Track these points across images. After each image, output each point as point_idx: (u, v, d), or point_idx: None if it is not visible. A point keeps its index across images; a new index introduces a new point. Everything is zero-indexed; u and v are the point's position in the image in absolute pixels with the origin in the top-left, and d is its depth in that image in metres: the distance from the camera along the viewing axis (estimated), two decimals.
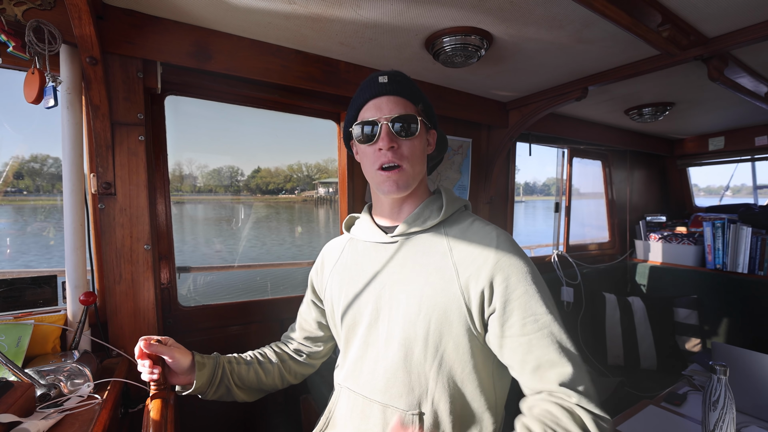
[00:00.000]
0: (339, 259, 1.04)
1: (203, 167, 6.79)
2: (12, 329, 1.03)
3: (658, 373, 2.34)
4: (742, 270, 2.43)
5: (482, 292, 0.79)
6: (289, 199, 7.44)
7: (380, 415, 0.85)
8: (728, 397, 1.04)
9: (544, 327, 0.76)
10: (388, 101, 0.86)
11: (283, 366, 1.09)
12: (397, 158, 0.85)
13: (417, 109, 0.89)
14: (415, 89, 0.90)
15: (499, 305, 0.78)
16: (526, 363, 0.77)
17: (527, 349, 0.76)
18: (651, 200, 3.34)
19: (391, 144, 0.84)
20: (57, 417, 0.82)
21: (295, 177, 7.52)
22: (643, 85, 1.82)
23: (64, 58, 1.10)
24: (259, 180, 7.50)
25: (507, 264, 0.79)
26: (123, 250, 1.19)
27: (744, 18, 1.18)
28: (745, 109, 2.26)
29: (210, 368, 0.97)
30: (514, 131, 2.07)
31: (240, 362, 1.03)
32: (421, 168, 0.91)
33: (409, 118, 0.85)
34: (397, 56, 1.47)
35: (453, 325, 0.81)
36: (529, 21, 1.20)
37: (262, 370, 1.05)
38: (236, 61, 1.32)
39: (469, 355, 0.82)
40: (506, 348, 0.79)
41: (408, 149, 0.86)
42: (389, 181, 0.86)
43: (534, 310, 0.77)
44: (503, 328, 0.78)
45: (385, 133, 0.84)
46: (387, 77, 0.88)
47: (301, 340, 1.14)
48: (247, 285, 2.42)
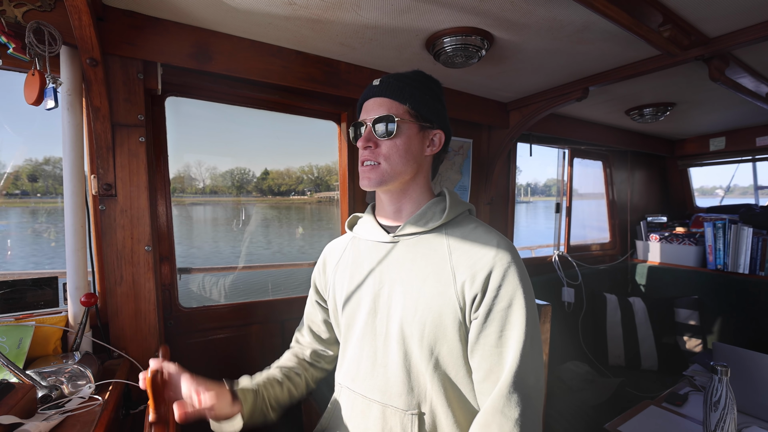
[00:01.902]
0: (341, 258, 1.04)
1: (212, 169, 6.82)
2: (13, 331, 1.03)
3: (659, 374, 2.34)
4: (743, 270, 2.43)
5: (475, 296, 0.79)
6: (302, 200, 7.45)
7: (379, 415, 0.86)
8: (729, 398, 1.04)
9: (510, 349, 0.77)
10: (374, 103, 0.89)
11: (307, 374, 1.08)
12: (373, 157, 0.88)
13: (404, 109, 0.88)
14: (406, 89, 0.88)
15: (482, 312, 0.79)
16: (481, 374, 0.79)
17: (489, 363, 0.78)
18: (652, 201, 3.33)
19: (367, 144, 0.87)
20: (58, 418, 0.82)
21: (306, 179, 7.52)
22: (644, 86, 1.82)
23: (65, 59, 1.10)
24: (270, 182, 7.52)
25: (501, 274, 0.79)
26: (124, 252, 1.19)
27: (745, 18, 1.18)
28: (746, 110, 2.26)
29: (251, 404, 0.91)
30: (515, 132, 2.07)
31: (274, 384, 0.99)
32: (404, 167, 0.89)
33: (387, 119, 0.86)
34: (398, 57, 1.47)
35: (447, 328, 0.81)
36: (529, 21, 1.20)
37: (293, 385, 1.03)
38: (236, 62, 1.32)
39: (463, 359, 0.82)
40: (476, 354, 0.80)
41: (386, 148, 0.87)
42: (363, 176, 0.90)
43: (511, 327, 0.78)
44: (479, 336, 0.79)
45: (365, 134, 0.88)
46: (380, 80, 0.90)
47: (314, 343, 1.12)
48: (277, 282, 2.33)
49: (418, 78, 0.92)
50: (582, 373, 2.18)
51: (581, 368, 2.23)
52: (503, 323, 0.78)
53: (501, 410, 0.74)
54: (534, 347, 0.78)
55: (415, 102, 0.88)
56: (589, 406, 1.93)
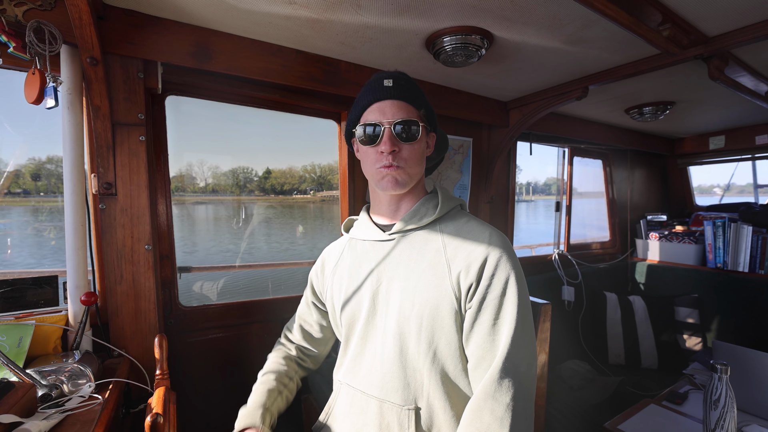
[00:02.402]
0: (339, 260, 1.05)
1: (215, 168, 6.83)
2: (13, 330, 1.03)
3: (659, 372, 2.34)
4: (742, 269, 2.43)
5: (470, 286, 0.81)
6: (305, 200, 7.46)
7: (377, 410, 0.86)
8: (729, 396, 1.04)
9: (501, 336, 0.78)
10: (392, 105, 0.89)
11: (297, 377, 1.10)
12: (397, 161, 0.88)
13: (419, 114, 0.91)
14: (418, 94, 0.92)
15: (476, 301, 0.81)
16: (474, 361, 0.81)
17: (482, 350, 0.79)
18: (652, 199, 3.33)
19: (393, 147, 0.87)
20: (58, 417, 0.82)
21: (309, 177, 7.50)
22: (644, 85, 1.82)
23: (65, 58, 1.10)
24: (273, 181, 7.55)
25: (494, 264, 0.81)
26: (124, 251, 1.20)
27: (744, 17, 1.18)
28: (746, 108, 2.26)
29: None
30: (515, 131, 2.07)
31: (277, 398, 1.01)
32: (419, 170, 0.93)
33: (411, 123, 0.87)
34: (398, 56, 1.47)
35: (444, 320, 0.82)
36: (529, 20, 1.20)
37: (289, 391, 1.05)
38: (237, 61, 1.32)
39: (460, 350, 0.83)
40: (470, 342, 0.82)
41: (408, 153, 0.88)
42: (389, 176, 0.88)
43: (504, 315, 0.79)
44: (473, 324, 0.81)
45: (387, 137, 0.87)
46: (392, 81, 0.90)
47: (303, 342, 1.13)
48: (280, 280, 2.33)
49: (413, 81, 0.94)
50: (582, 372, 2.19)
51: (581, 367, 2.24)
52: (496, 311, 0.80)
53: (492, 395, 0.75)
54: (525, 334, 0.79)
55: (426, 107, 0.93)
56: (589, 404, 1.94)
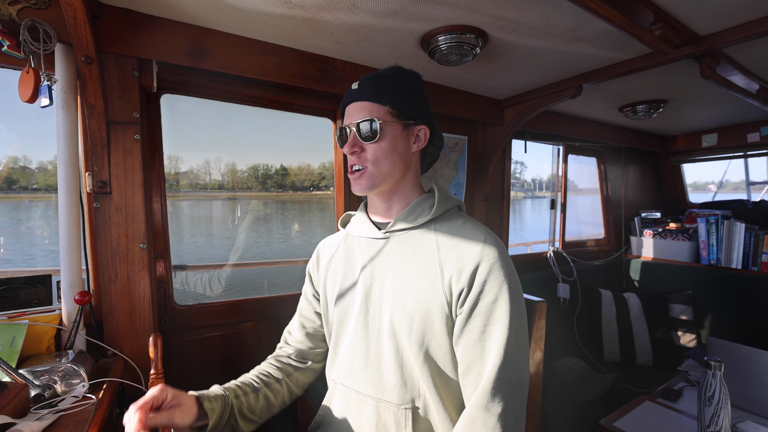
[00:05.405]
0: (334, 255, 1.04)
1: (231, 165, 6.82)
2: (6, 329, 1.02)
3: (654, 369, 2.36)
4: (736, 265, 2.46)
5: (461, 291, 0.80)
6: (324, 196, 7.53)
7: (374, 410, 0.86)
8: (723, 393, 1.05)
9: (492, 344, 0.77)
10: (355, 107, 0.89)
11: (290, 380, 1.04)
12: (360, 161, 0.89)
13: (385, 110, 0.87)
14: (384, 90, 0.88)
15: (467, 307, 0.79)
16: (464, 367, 0.80)
17: (471, 357, 0.79)
18: (646, 197, 3.36)
19: (353, 149, 0.88)
20: (51, 418, 0.82)
21: (328, 174, 7.60)
22: (637, 83, 1.83)
23: (59, 57, 1.09)
24: (293, 177, 7.63)
25: (487, 270, 0.79)
26: (118, 249, 1.19)
27: (735, 16, 1.19)
28: (737, 106, 2.28)
29: (218, 413, 0.85)
30: (510, 129, 2.08)
31: (247, 392, 0.94)
32: (392, 168, 0.89)
33: (369, 123, 0.86)
34: (393, 54, 1.47)
35: (435, 323, 0.81)
36: (523, 20, 1.21)
37: (271, 392, 0.98)
38: (232, 59, 1.31)
39: (450, 353, 0.82)
40: (459, 348, 0.81)
41: (372, 152, 0.88)
42: (354, 182, 0.91)
43: (495, 323, 0.78)
44: (463, 330, 0.80)
45: (350, 139, 0.88)
46: (359, 83, 0.90)
47: (303, 339, 1.09)
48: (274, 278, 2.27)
49: (397, 75, 0.91)
50: (577, 369, 2.20)
51: (577, 364, 2.25)
52: (487, 318, 0.78)
53: (485, 406, 0.74)
54: (518, 343, 0.78)
55: (394, 101, 0.88)
56: (584, 401, 1.95)
